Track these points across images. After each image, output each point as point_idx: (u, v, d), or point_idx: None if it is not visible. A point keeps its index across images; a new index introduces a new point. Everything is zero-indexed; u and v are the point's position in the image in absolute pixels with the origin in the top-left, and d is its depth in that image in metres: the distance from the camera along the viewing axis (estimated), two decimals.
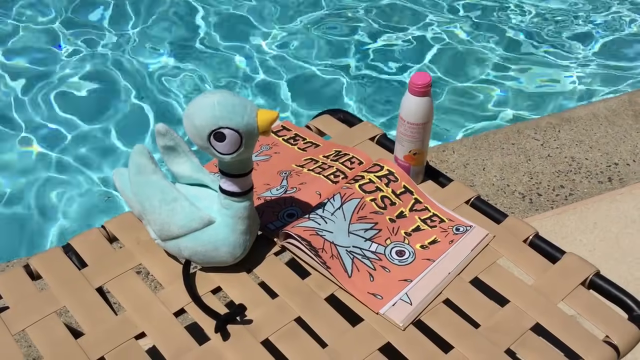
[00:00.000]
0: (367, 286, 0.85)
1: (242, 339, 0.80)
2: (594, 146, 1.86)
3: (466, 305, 0.84)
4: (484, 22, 2.57)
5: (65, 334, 0.81)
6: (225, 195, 0.81)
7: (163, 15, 2.58)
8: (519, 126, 1.95)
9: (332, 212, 0.92)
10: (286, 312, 0.83)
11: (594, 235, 1.55)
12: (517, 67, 2.34)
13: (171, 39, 2.46)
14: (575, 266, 0.89)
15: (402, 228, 0.94)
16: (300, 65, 2.35)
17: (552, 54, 2.40)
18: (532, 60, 2.37)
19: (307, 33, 2.51)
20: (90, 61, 2.33)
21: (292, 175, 1.01)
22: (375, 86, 2.27)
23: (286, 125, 1.15)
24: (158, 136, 0.85)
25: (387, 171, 1.00)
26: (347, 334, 0.80)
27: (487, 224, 0.96)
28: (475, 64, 2.36)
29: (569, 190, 1.71)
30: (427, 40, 2.48)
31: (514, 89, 2.25)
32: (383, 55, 2.40)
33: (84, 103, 2.17)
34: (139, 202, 0.85)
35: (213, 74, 2.29)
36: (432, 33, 2.51)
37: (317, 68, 2.34)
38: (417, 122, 0.93)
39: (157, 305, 0.84)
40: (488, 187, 1.72)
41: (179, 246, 0.85)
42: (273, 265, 0.89)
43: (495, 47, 2.43)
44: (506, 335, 0.80)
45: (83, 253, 0.91)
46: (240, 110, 0.73)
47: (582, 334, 0.81)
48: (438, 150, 1.85)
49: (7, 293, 0.86)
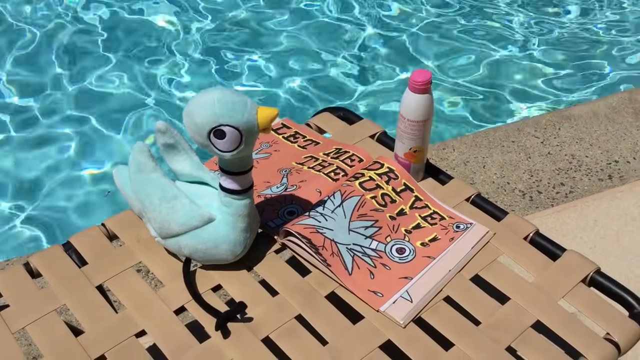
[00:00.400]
0: (368, 284, 0.85)
1: (242, 336, 0.80)
2: (594, 144, 1.86)
3: (467, 303, 0.84)
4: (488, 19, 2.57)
5: (66, 332, 0.81)
6: (226, 193, 0.81)
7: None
8: (519, 124, 1.95)
9: (332, 210, 0.92)
10: (286, 309, 0.83)
11: (595, 232, 1.55)
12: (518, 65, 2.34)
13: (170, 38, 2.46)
14: (575, 263, 0.89)
15: (402, 225, 0.94)
16: (300, 62, 2.35)
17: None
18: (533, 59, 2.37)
19: (308, 30, 2.50)
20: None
21: (292, 172, 1.01)
22: (376, 84, 2.27)
23: (286, 122, 1.14)
24: (158, 134, 0.84)
25: (387, 169, 0.99)
26: (348, 332, 0.80)
27: (488, 221, 0.95)
28: (476, 60, 2.36)
29: (569, 187, 1.71)
30: (426, 37, 2.47)
31: (518, 87, 2.25)
32: (384, 51, 2.40)
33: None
34: (139, 200, 0.85)
35: (213, 75, 2.29)
36: (431, 30, 2.51)
37: (317, 65, 2.34)
38: (418, 120, 0.93)
39: (158, 303, 0.84)
40: (488, 185, 1.72)
41: (179, 244, 0.85)
42: (273, 263, 0.89)
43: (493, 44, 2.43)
44: (507, 332, 0.80)
45: (83, 251, 0.91)
46: (240, 107, 0.73)
47: (583, 332, 0.81)
48: (438, 148, 1.85)
49: (7, 291, 0.86)
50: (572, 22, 2.57)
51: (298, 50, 2.41)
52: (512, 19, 2.58)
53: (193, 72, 2.29)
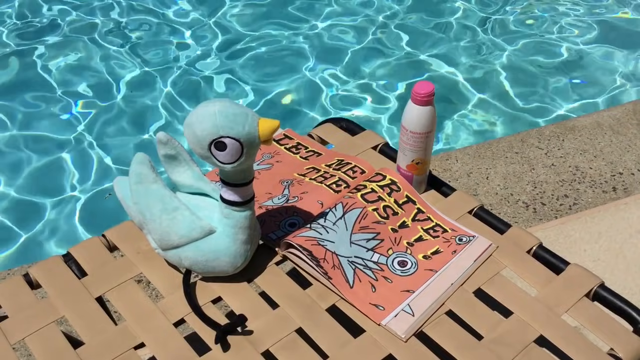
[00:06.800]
0: (369, 297, 0.84)
1: (242, 349, 0.79)
2: (598, 155, 1.85)
3: (469, 317, 0.83)
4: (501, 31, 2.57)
5: (65, 344, 0.80)
6: (226, 204, 0.80)
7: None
8: (522, 135, 1.95)
9: (334, 222, 0.91)
10: (287, 322, 0.82)
11: (599, 245, 1.54)
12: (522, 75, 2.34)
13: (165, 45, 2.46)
14: (579, 277, 0.88)
15: (404, 238, 0.93)
16: (302, 72, 2.35)
17: None
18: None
19: (310, 39, 2.51)
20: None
21: (294, 184, 1.01)
22: (378, 94, 2.27)
23: (288, 133, 1.14)
24: (159, 145, 0.84)
25: (389, 180, 0.99)
26: (349, 345, 0.79)
27: (491, 234, 0.95)
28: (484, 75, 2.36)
29: (573, 199, 1.70)
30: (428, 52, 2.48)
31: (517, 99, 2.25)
32: (387, 63, 2.40)
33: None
34: (139, 211, 0.84)
35: (211, 84, 2.30)
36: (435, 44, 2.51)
37: (319, 75, 2.34)
38: (420, 132, 0.93)
39: (157, 315, 0.83)
40: (491, 196, 1.71)
41: (179, 256, 0.84)
42: (274, 275, 0.88)
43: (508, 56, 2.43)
44: (510, 347, 0.80)
45: (83, 262, 0.91)
46: (241, 119, 0.73)
47: (587, 347, 0.80)
48: (441, 159, 1.84)
49: (6, 302, 0.86)
50: (574, 31, 2.57)
51: (300, 56, 2.41)
52: (516, 28, 2.59)
53: (194, 79, 2.30)
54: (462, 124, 2.14)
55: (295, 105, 2.22)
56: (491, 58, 2.42)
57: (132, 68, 2.35)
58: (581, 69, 2.37)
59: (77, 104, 2.18)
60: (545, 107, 2.19)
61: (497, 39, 2.52)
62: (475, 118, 2.16)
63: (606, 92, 2.26)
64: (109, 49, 2.43)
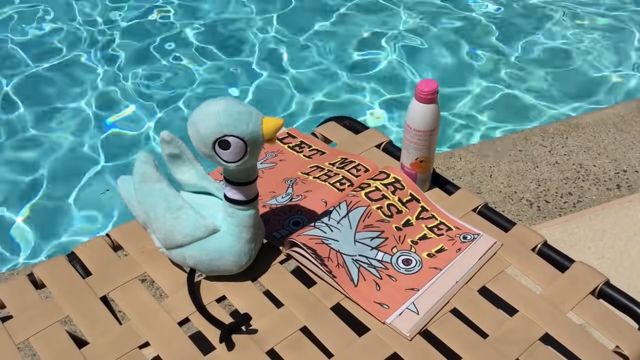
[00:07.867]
0: (374, 295, 0.84)
1: (247, 348, 0.79)
2: (602, 153, 1.84)
3: (474, 315, 0.83)
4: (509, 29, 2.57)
5: (69, 344, 0.80)
6: (230, 203, 0.80)
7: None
8: (526, 133, 1.94)
9: (338, 221, 0.91)
10: (291, 321, 0.82)
11: (603, 242, 1.53)
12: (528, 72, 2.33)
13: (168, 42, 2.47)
14: (584, 275, 0.88)
15: (408, 236, 0.93)
16: (306, 71, 2.35)
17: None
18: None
19: (313, 38, 2.51)
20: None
21: (298, 182, 1.01)
22: (382, 94, 2.27)
23: (292, 132, 1.14)
24: (163, 144, 0.84)
25: (393, 179, 0.99)
26: (353, 344, 0.79)
27: (495, 232, 0.95)
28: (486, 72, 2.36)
29: (577, 197, 1.69)
30: (436, 46, 2.47)
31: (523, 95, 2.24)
32: (390, 61, 2.40)
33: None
34: (143, 210, 0.84)
35: (215, 82, 2.30)
36: (438, 38, 2.51)
37: (323, 74, 2.34)
38: (424, 129, 0.92)
39: (162, 315, 0.83)
40: (495, 194, 1.71)
41: (183, 255, 0.84)
42: (278, 274, 0.88)
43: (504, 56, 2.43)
44: (515, 345, 0.79)
45: (87, 262, 0.91)
46: (245, 118, 0.73)
47: (592, 344, 0.80)
48: (445, 157, 1.84)
49: (10, 302, 0.86)
50: (581, 30, 2.57)
51: (304, 55, 2.41)
52: (523, 25, 2.58)
53: (196, 80, 2.30)
54: (466, 121, 2.14)
55: (299, 104, 2.22)
56: (496, 56, 2.42)
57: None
58: (584, 66, 2.36)
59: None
60: (549, 105, 2.19)
61: (502, 37, 2.52)
62: (478, 116, 2.16)
63: (610, 90, 2.25)
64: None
